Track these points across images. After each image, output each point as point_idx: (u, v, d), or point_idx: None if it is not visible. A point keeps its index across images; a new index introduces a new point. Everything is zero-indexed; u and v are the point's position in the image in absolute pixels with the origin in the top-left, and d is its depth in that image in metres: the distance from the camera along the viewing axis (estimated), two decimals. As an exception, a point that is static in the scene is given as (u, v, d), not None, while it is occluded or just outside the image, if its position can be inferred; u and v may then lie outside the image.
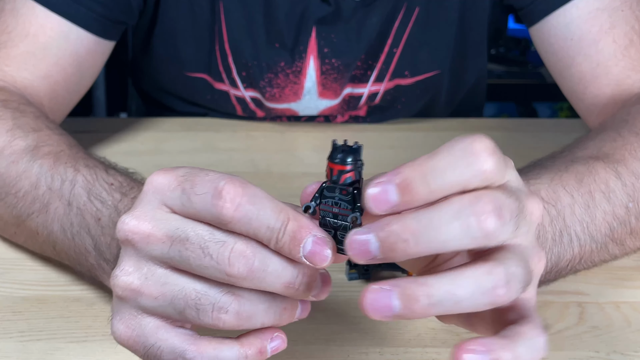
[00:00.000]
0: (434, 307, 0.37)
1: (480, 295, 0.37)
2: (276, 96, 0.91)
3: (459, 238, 0.37)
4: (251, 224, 0.39)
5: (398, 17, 0.88)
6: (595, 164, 0.57)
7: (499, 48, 2.12)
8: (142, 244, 0.41)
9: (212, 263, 0.39)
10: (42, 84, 0.76)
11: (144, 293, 0.41)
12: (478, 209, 0.37)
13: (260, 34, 0.88)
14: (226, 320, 0.40)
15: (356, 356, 0.53)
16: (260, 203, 0.39)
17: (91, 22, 0.78)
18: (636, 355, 0.54)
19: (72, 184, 0.57)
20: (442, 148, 0.38)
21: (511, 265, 0.38)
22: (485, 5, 0.91)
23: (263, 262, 0.39)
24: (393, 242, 0.37)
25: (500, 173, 0.38)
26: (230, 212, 0.38)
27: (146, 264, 0.41)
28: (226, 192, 0.39)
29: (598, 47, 0.77)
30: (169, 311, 0.41)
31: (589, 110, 0.79)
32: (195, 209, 0.39)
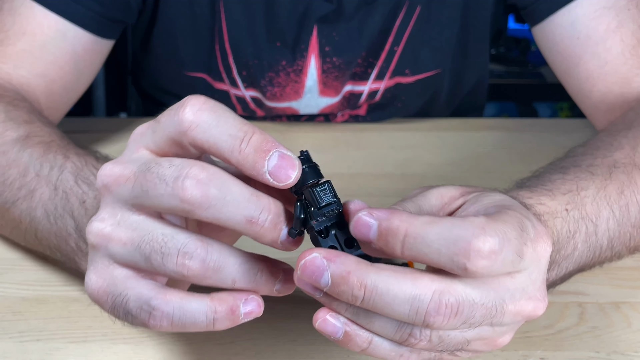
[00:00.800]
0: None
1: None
2: (277, 95, 0.91)
3: (402, 317, 0.37)
4: (211, 131, 0.38)
5: (400, 16, 0.88)
6: (634, 173, 0.57)
7: (499, 48, 2.11)
8: (114, 187, 0.40)
9: (167, 190, 0.38)
10: (39, 82, 0.76)
11: (113, 239, 0.40)
12: (434, 306, 0.37)
13: (261, 32, 0.88)
14: (191, 266, 0.38)
15: (356, 356, 0.53)
16: (223, 113, 0.39)
17: (89, 21, 0.78)
18: (636, 355, 0.54)
19: (61, 170, 0.56)
20: (445, 222, 0.37)
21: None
22: (488, 5, 0.91)
23: (220, 188, 0.38)
24: (342, 291, 0.37)
25: (491, 274, 0.38)
26: (189, 116, 0.38)
27: (120, 210, 0.41)
28: (188, 100, 0.39)
29: (606, 45, 0.76)
30: (137, 258, 0.40)
31: (596, 109, 0.78)
32: (162, 127, 0.40)
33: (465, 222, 0.37)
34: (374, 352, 0.40)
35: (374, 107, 0.95)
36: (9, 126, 0.63)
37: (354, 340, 0.39)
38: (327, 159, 0.85)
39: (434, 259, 0.37)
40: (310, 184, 0.39)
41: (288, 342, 0.54)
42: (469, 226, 0.37)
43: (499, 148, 0.89)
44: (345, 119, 0.96)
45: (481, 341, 0.41)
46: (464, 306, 0.37)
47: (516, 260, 0.38)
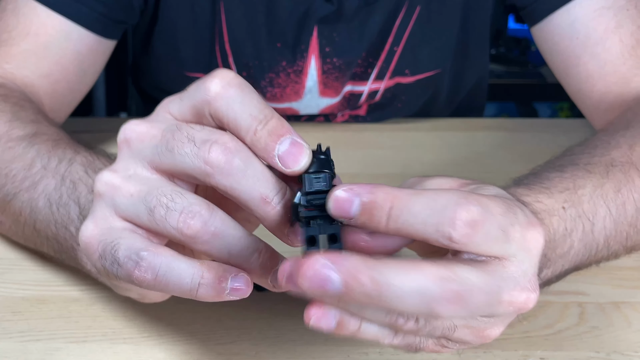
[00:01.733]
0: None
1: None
2: (277, 96, 0.91)
3: (412, 311, 0.36)
4: (234, 107, 0.39)
5: (399, 16, 0.88)
6: (631, 172, 0.56)
7: (499, 48, 2.12)
8: (137, 142, 0.41)
9: (194, 150, 0.39)
10: (42, 83, 0.76)
11: (121, 189, 0.41)
12: (437, 296, 0.35)
13: (262, 33, 0.88)
14: (192, 225, 0.39)
15: (356, 356, 0.53)
16: (249, 92, 0.40)
17: (93, 21, 0.78)
18: (636, 355, 0.54)
19: (70, 163, 0.56)
20: (428, 193, 0.37)
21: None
22: (488, 5, 0.91)
23: (244, 161, 0.39)
24: (351, 289, 0.35)
25: (475, 246, 0.37)
26: (217, 87, 0.39)
27: (135, 165, 0.41)
28: (218, 72, 0.40)
29: (605, 45, 0.76)
30: (140, 210, 0.40)
31: (596, 109, 0.78)
32: (190, 96, 0.41)
33: (450, 192, 0.37)
34: (361, 335, 0.39)
35: (374, 107, 0.95)
36: (15, 125, 0.62)
37: (344, 328, 0.38)
38: (327, 159, 0.85)
39: (420, 230, 0.36)
40: (310, 172, 0.40)
41: (288, 342, 0.54)
42: (452, 196, 0.36)
43: (499, 148, 0.89)
44: (345, 119, 0.96)
45: (469, 330, 0.40)
46: (466, 292, 0.36)
47: (501, 238, 0.37)
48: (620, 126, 0.64)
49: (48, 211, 0.55)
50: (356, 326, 0.39)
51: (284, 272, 0.36)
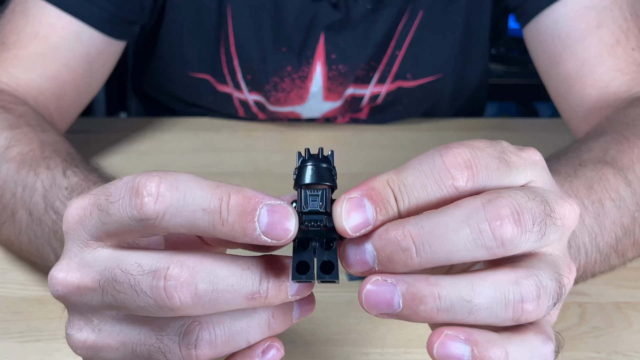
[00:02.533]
0: (442, 312, 0.33)
1: (502, 306, 0.33)
2: (281, 100, 0.91)
3: (469, 248, 0.32)
4: (182, 214, 0.32)
5: (402, 20, 0.88)
6: (604, 170, 0.55)
7: (499, 48, 2.11)
8: (76, 297, 0.36)
9: (149, 301, 0.33)
10: (50, 85, 0.75)
11: (102, 347, 0.36)
12: (492, 212, 0.32)
13: (268, 38, 0.87)
14: (199, 354, 0.34)
15: (356, 357, 0.53)
16: (185, 185, 0.33)
17: (103, 22, 0.78)
18: (637, 355, 0.54)
19: (33, 191, 0.56)
20: (410, 162, 0.34)
21: (544, 277, 0.33)
22: (488, 9, 0.91)
23: (209, 280, 0.33)
24: (391, 251, 0.33)
25: (483, 182, 0.34)
26: (151, 206, 0.32)
27: (93, 315, 0.36)
28: (142, 185, 0.33)
29: (584, 44, 0.76)
30: (135, 358, 0.36)
31: (573, 112, 0.77)
32: (117, 220, 0.34)
33: (428, 152, 0.35)
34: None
35: (375, 111, 0.95)
36: None
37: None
38: (327, 159, 0.85)
39: (425, 196, 0.34)
40: (306, 185, 0.35)
41: (288, 342, 0.54)
42: (433, 152, 0.34)
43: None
44: (346, 121, 0.96)
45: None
46: (521, 204, 0.33)
47: (503, 167, 0.34)
48: (595, 134, 0.63)
49: (34, 250, 0.57)
50: None
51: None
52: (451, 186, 0.33)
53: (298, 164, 0.36)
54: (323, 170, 0.35)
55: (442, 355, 0.33)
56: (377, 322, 0.56)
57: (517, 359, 0.33)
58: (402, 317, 0.33)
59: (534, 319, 0.34)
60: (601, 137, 0.61)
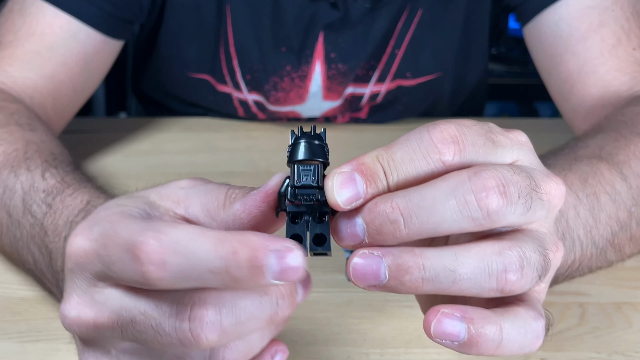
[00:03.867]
0: (427, 282, 0.33)
1: (486, 276, 0.34)
2: (281, 100, 0.91)
3: (456, 219, 0.33)
4: (190, 278, 0.31)
5: (401, 19, 0.88)
6: (599, 165, 0.55)
7: (499, 48, 2.11)
8: (94, 334, 0.35)
9: (175, 342, 0.33)
10: (46, 84, 0.75)
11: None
12: (478, 184, 0.33)
13: (267, 37, 0.87)
14: (209, 337, 0.33)
15: (356, 357, 0.53)
16: (188, 248, 0.31)
17: (101, 21, 0.78)
18: (637, 355, 0.54)
19: (12, 193, 0.56)
20: (399, 139, 0.35)
21: (528, 249, 0.34)
22: (487, 7, 0.91)
23: (232, 314, 0.33)
24: (380, 223, 0.33)
25: (469, 158, 0.35)
26: (156, 274, 0.31)
27: (111, 346, 0.35)
28: (141, 251, 0.32)
29: (586, 44, 0.76)
30: None
31: (574, 112, 0.78)
32: (122, 278, 0.33)
33: (416, 129, 0.35)
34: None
35: (375, 110, 0.95)
36: None
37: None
38: (327, 159, 0.85)
39: (414, 170, 0.35)
40: (299, 161, 0.36)
41: (288, 342, 0.54)
42: (421, 128, 0.35)
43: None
44: (346, 120, 0.96)
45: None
46: (506, 177, 0.34)
47: (489, 145, 0.35)
48: (592, 132, 0.64)
49: (14, 252, 0.57)
50: None
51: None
52: (438, 160, 0.34)
53: (291, 141, 0.37)
54: (315, 146, 0.36)
55: (439, 333, 0.34)
56: (377, 322, 0.56)
57: (511, 335, 0.34)
58: (388, 289, 0.34)
59: (519, 290, 0.34)
60: (598, 134, 0.62)
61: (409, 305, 0.58)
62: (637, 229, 0.56)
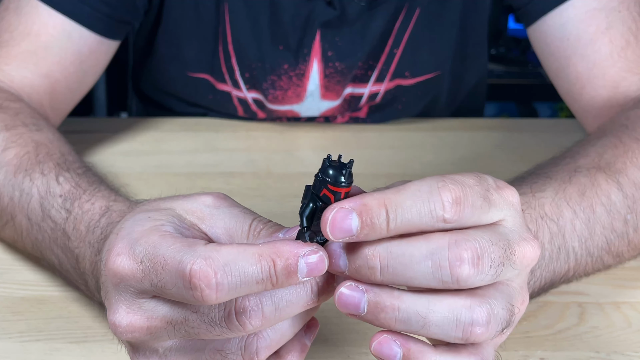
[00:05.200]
0: (399, 322, 0.37)
1: (453, 326, 0.37)
2: (279, 98, 0.91)
3: (427, 278, 0.37)
4: (240, 291, 0.37)
5: (399, 18, 0.88)
6: (597, 176, 0.56)
7: (499, 48, 2.11)
8: (147, 337, 0.39)
9: (225, 331, 0.38)
10: (42, 83, 0.76)
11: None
12: (454, 254, 0.36)
13: (265, 35, 0.88)
14: (261, 358, 0.39)
15: (356, 356, 0.53)
16: (237, 268, 0.36)
17: (95, 21, 0.78)
18: (636, 355, 0.54)
19: (29, 197, 0.57)
20: (410, 185, 0.37)
21: (496, 305, 0.38)
22: (486, 6, 0.91)
23: (271, 304, 0.38)
24: (360, 265, 0.37)
25: (466, 219, 0.37)
26: (213, 296, 0.36)
27: (160, 346, 0.40)
28: (196, 278, 0.36)
29: (594, 47, 0.76)
30: None
31: (585, 112, 0.78)
32: (176, 298, 0.38)
33: (426, 180, 0.38)
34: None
35: (374, 109, 0.95)
36: None
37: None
38: (327, 159, 0.85)
39: (417, 222, 0.37)
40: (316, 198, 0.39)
41: (288, 342, 0.54)
42: (431, 181, 0.38)
43: (499, 148, 0.89)
44: (345, 120, 0.96)
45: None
46: (483, 248, 0.37)
47: (485, 206, 0.38)
48: (595, 137, 0.64)
49: (37, 253, 0.57)
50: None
51: None
52: (441, 217, 0.37)
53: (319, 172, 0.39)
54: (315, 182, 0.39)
55: (377, 352, 0.39)
56: (377, 321, 0.56)
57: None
58: (365, 320, 0.38)
59: (481, 341, 0.38)
60: (599, 140, 0.62)
61: (408, 305, 0.58)
62: (634, 235, 0.57)
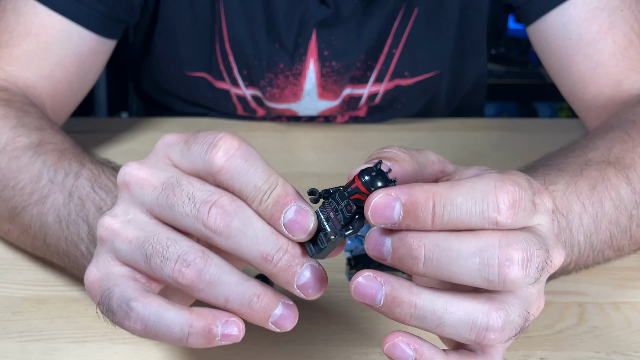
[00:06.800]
0: (414, 319, 0.37)
1: (468, 329, 0.37)
2: (276, 96, 0.91)
3: (472, 276, 0.36)
4: (239, 179, 0.39)
5: (397, 18, 0.88)
6: (607, 170, 0.56)
7: (499, 48, 2.11)
8: (136, 188, 0.41)
9: (193, 211, 0.39)
10: (44, 84, 0.75)
11: (120, 235, 0.41)
12: (505, 254, 0.35)
13: (261, 33, 0.88)
14: (186, 274, 0.39)
15: (356, 356, 0.53)
16: (253, 161, 0.39)
17: (93, 21, 0.78)
18: (636, 355, 0.54)
19: (77, 177, 0.56)
20: (465, 182, 0.36)
21: (513, 313, 0.37)
22: (484, 5, 0.91)
23: (243, 222, 0.39)
24: (403, 254, 0.36)
25: (518, 223, 0.37)
26: (221, 160, 0.39)
27: (134, 210, 0.41)
28: (222, 142, 0.39)
29: (598, 46, 0.76)
30: (138, 257, 0.40)
31: (588, 111, 0.78)
32: (192, 157, 0.40)
33: (484, 178, 0.37)
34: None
35: (374, 109, 0.95)
36: (20, 132, 0.62)
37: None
38: (327, 159, 0.85)
39: (466, 221, 0.36)
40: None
41: (288, 342, 0.54)
42: (489, 181, 0.36)
43: (499, 148, 0.89)
44: (345, 120, 0.96)
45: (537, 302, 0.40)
46: (532, 251, 0.36)
47: (533, 210, 0.37)
48: (601, 130, 0.65)
49: (58, 227, 0.55)
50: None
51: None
52: (494, 219, 0.36)
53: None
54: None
55: (389, 354, 0.38)
56: (377, 322, 0.56)
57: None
58: (379, 311, 0.37)
59: (493, 344, 0.38)
60: (607, 134, 0.63)
61: (408, 304, 0.58)
62: (637, 230, 0.57)
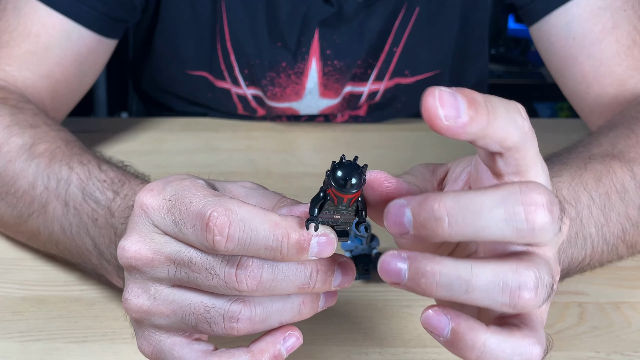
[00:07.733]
0: (441, 288, 0.35)
1: (499, 290, 0.35)
2: (277, 95, 0.91)
3: (500, 227, 0.34)
4: (248, 249, 0.38)
5: (399, 17, 0.88)
6: (612, 163, 0.57)
7: (499, 48, 2.11)
8: (147, 268, 0.41)
9: (220, 282, 0.39)
10: (43, 84, 0.76)
11: (155, 313, 0.41)
12: (529, 198, 0.34)
13: (263, 32, 0.88)
14: (239, 328, 0.40)
15: (356, 356, 0.53)
16: (251, 227, 0.38)
17: (93, 21, 0.78)
18: (636, 355, 0.54)
19: (68, 184, 0.57)
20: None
21: (542, 271, 0.36)
22: (487, 5, 0.91)
23: (271, 272, 0.39)
24: (424, 218, 0.34)
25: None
26: (222, 244, 0.38)
27: (152, 285, 0.41)
28: (213, 223, 0.38)
29: (601, 46, 0.76)
30: (182, 326, 0.41)
31: (591, 110, 0.78)
32: (189, 240, 0.39)
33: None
34: None
35: (373, 108, 0.95)
36: (14, 131, 0.63)
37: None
38: (327, 159, 0.85)
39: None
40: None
41: (288, 342, 0.54)
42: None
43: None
44: (345, 119, 0.96)
45: None
46: (551, 198, 0.35)
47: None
48: (606, 128, 0.65)
49: (65, 237, 0.57)
50: None
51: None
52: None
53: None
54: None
55: (426, 324, 0.37)
56: (377, 321, 0.56)
57: (493, 351, 0.36)
58: (408, 288, 0.36)
59: (531, 308, 0.35)
60: (611, 131, 0.63)
61: (408, 305, 0.58)
62: None
